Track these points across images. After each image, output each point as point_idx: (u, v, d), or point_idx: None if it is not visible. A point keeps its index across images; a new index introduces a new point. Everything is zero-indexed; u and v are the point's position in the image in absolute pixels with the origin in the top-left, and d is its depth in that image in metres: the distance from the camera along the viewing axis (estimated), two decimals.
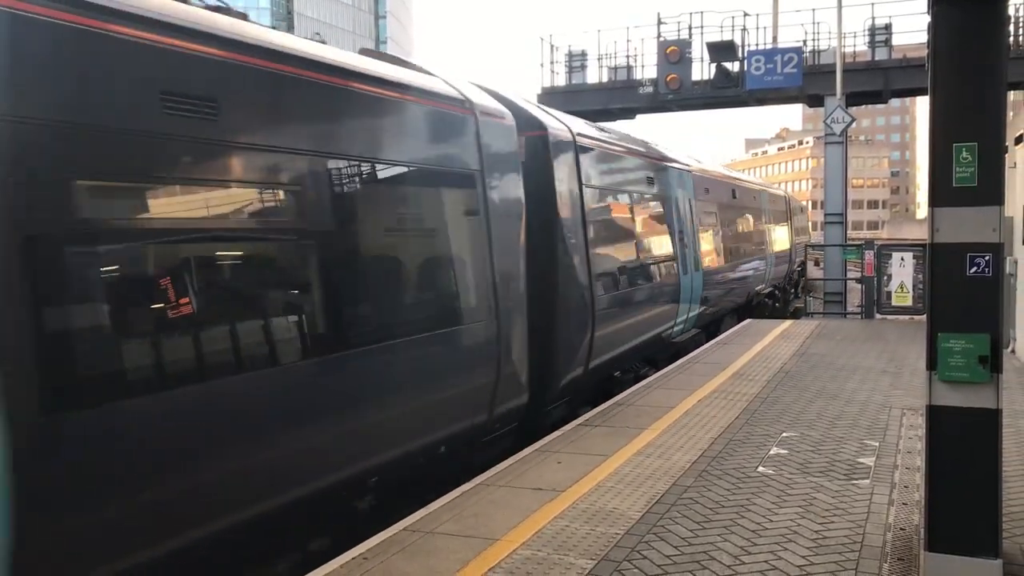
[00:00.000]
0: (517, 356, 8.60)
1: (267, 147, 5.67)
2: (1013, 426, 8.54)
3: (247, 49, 5.56)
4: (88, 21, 4.48)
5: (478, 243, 8.08)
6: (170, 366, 4.82)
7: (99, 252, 4.51)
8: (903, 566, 5.23)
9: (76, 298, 4.38)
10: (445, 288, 7.65)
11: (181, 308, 4.88)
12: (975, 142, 4.74)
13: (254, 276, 5.72)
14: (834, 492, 6.63)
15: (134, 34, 4.73)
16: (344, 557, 5.48)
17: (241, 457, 5.31)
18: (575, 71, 26.00)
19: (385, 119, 6.99)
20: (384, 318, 6.68)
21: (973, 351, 4.76)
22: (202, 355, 5.04)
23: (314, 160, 6.02)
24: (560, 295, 9.91)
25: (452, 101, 8.01)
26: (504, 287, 8.33)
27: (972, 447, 4.83)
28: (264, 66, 5.69)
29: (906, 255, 17.61)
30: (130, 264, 4.77)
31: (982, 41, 4.76)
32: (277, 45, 5.93)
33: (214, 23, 5.41)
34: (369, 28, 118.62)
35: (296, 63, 6.00)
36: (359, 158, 6.54)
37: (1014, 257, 12.75)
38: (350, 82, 6.56)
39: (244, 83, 5.53)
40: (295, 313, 5.83)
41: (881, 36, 23.60)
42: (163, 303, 4.80)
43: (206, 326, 5.08)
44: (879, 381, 11.18)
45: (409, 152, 7.21)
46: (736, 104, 25.11)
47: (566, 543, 5.65)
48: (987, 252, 4.75)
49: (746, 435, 8.37)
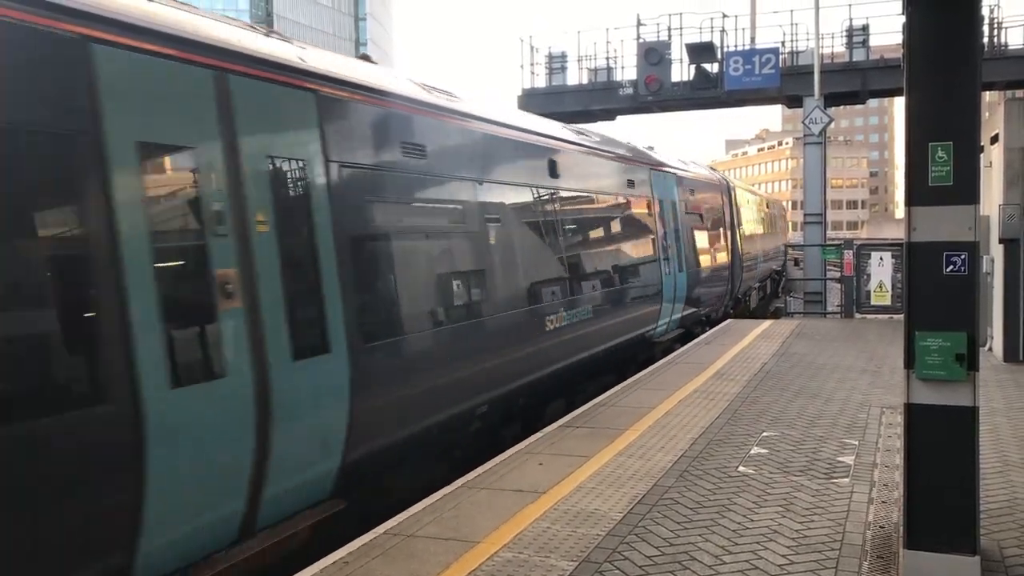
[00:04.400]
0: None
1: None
2: (990, 424, 8.61)
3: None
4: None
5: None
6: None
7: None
8: (883, 564, 5.25)
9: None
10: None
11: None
12: (951, 141, 4.77)
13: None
14: (814, 491, 6.66)
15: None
16: (324, 561, 5.44)
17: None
18: (555, 73, 26.03)
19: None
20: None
21: (950, 349, 4.79)
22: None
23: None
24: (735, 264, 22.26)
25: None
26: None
27: (950, 445, 4.85)
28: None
29: (885, 254, 17.74)
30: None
31: (956, 41, 4.79)
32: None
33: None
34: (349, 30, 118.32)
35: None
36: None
37: (990, 256, 12.86)
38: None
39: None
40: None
41: (859, 37, 23.76)
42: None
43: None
44: (859, 380, 11.24)
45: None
46: (716, 105, 25.21)
47: (547, 545, 5.64)
48: (963, 251, 4.78)
49: (727, 435, 8.39)
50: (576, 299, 10.99)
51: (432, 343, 7.68)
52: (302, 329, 5.87)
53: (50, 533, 4.13)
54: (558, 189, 11.11)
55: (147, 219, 4.79)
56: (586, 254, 11.95)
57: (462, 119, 8.84)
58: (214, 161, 5.31)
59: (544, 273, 10.33)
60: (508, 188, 9.72)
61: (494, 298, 8.85)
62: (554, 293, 10.42)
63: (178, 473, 4.82)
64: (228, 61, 5.52)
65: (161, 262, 4.86)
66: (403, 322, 7.28)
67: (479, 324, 8.51)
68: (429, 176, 8.03)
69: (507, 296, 9.16)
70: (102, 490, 4.43)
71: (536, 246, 10.23)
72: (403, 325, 7.27)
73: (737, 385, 10.96)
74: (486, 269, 8.80)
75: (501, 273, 9.10)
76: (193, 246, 5.17)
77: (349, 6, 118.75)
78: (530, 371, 9.70)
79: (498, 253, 9.15)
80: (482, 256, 8.83)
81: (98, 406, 4.44)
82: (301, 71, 6.29)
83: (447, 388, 7.88)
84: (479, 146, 9.14)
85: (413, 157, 7.67)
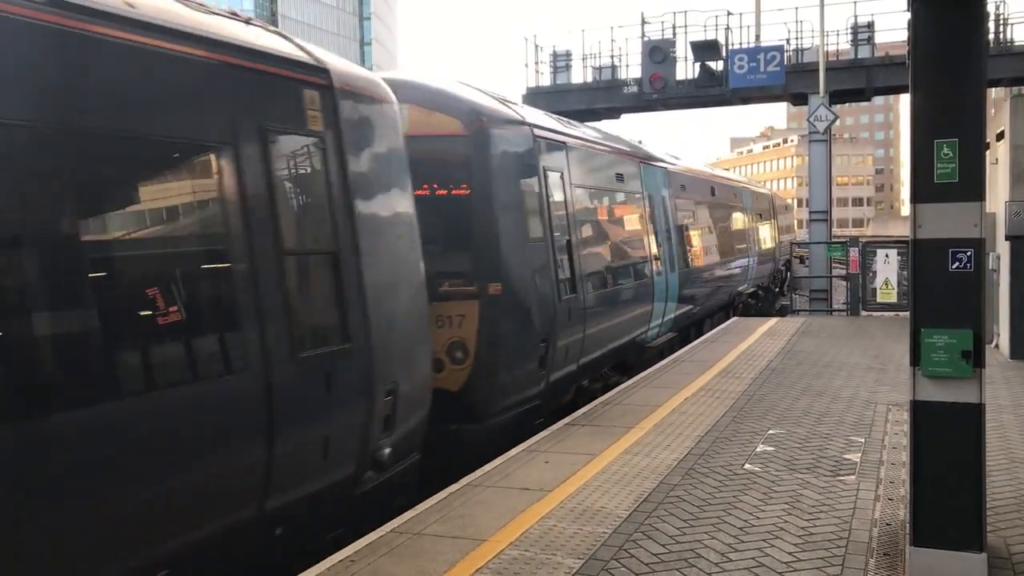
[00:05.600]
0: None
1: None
2: (996, 420, 8.60)
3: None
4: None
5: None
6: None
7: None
8: (889, 561, 5.25)
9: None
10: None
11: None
12: (956, 138, 4.76)
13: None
14: (820, 488, 6.66)
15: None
16: (332, 560, 5.46)
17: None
18: (560, 71, 26.03)
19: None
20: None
21: (956, 346, 4.78)
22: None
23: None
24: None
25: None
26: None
27: (956, 442, 4.85)
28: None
29: (891, 252, 17.69)
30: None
31: (962, 38, 4.79)
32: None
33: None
34: (354, 30, 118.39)
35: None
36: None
37: (996, 252, 12.84)
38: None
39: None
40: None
41: (864, 34, 23.72)
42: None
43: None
44: (865, 377, 11.23)
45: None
46: (720, 103, 25.21)
47: (554, 543, 5.65)
48: (969, 247, 4.78)
49: (733, 433, 8.39)
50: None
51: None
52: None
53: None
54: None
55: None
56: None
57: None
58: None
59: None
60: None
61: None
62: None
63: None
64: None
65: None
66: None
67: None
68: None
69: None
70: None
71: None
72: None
73: (743, 383, 10.96)
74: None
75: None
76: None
77: (354, 5, 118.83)
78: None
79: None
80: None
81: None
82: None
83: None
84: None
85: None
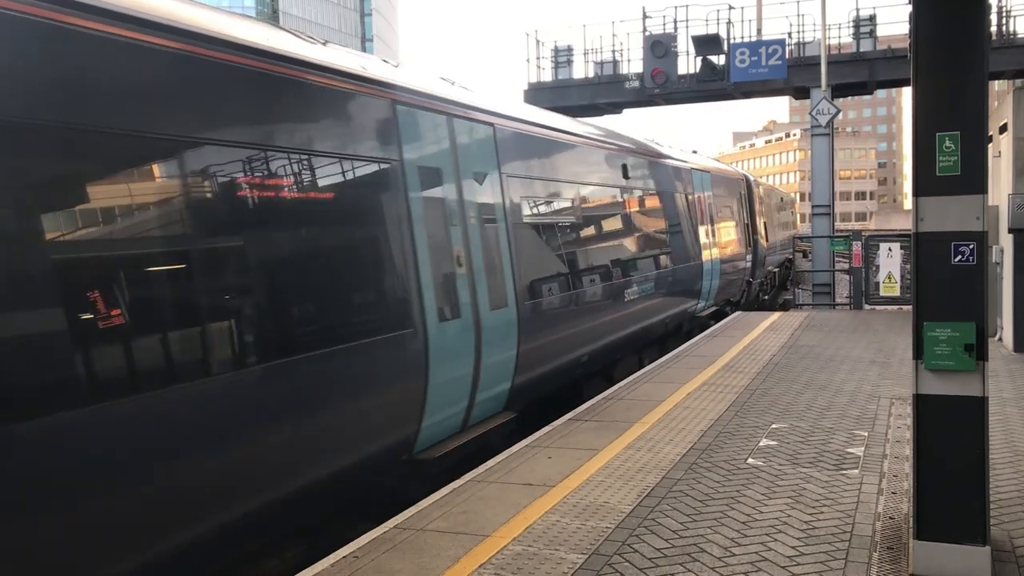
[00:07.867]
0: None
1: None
2: (1000, 414, 8.59)
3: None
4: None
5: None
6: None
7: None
8: (892, 555, 5.25)
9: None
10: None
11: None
12: (958, 131, 4.75)
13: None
14: (824, 482, 6.66)
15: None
16: (335, 556, 5.47)
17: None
18: (561, 66, 25.98)
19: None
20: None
21: (959, 339, 4.78)
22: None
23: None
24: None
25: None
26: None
27: (959, 435, 4.85)
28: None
29: (893, 245, 17.72)
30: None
31: (963, 31, 4.78)
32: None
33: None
34: (355, 26, 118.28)
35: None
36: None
37: (999, 245, 12.82)
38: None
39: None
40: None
41: (866, 27, 23.65)
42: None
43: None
44: (868, 371, 11.22)
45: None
46: (722, 97, 25.14)
47: (557, 538, 5.66)
48: (971, 241, 4.77)
49: (736, 427, 8.39)
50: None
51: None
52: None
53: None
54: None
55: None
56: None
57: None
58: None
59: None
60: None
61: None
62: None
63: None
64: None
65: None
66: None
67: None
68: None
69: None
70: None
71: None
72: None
73: (746, 377, 10.95)
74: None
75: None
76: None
77: (355, 2, 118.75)
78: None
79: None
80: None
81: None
82: None
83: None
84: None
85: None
